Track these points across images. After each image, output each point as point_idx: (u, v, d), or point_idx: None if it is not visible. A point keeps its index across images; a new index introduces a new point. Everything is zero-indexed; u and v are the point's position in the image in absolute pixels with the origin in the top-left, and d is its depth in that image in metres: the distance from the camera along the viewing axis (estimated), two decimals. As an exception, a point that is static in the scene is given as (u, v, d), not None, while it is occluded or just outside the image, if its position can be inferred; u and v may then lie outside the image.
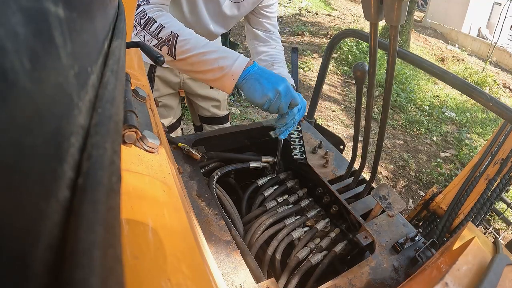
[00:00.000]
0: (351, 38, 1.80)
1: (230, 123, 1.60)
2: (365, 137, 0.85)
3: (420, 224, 1.56)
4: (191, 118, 1.65)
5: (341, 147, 1.24)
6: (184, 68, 0.87)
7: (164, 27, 0.83)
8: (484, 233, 2.06)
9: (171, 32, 0.82)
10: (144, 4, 0.85)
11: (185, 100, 1.52)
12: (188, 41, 0.82)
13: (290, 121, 0.90)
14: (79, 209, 0.15)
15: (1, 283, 0.10)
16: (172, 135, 1.40)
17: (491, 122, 4.22)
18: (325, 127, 1.29)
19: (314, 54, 4.99)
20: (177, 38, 0.82)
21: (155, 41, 0.83)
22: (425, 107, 4.08)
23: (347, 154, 1.49)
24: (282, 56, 1.19)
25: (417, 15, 9.54)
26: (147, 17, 0.84)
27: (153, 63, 1.20)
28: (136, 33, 0.86)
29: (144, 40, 0.85)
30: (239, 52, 0.87)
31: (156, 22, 0.83)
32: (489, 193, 1.28)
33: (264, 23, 1.18)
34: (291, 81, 1.08)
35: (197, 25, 1.08)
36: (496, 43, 6.87)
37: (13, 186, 0.11)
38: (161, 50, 0.84)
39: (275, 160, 1.02)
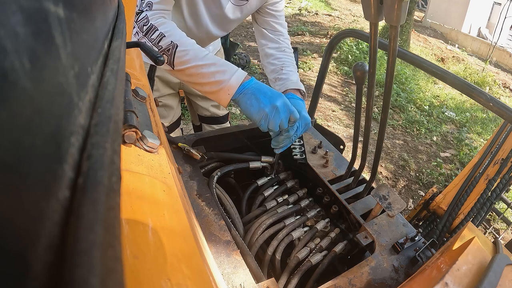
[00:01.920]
0: (351, 38, 1.80)
1: (229, 123, 1.60)
2: (365, 137, 0.85)
3: (420, 224, 1.56)
4: (191, 118, 1.65)
5: (341, 147, 1.24)
6: (182, 78, 0.87)
7: (164, 36, 0.82)
8: (484, 233, 2.06)
9: (171, 41, 0.82)
10: (146, 10, 0.85)
11: (185, 100, 1.52)
12: (187, 52, 0.82)
13: (285, 140, 0.88)
14: (79, 209, 0.15)
15: (1, 283, 0.10)
16: (172, 135, 1.40)
17: (491, 122, 4.22)
18: (325, 127, 1.29)
19: (314, 54, 4.98)
20: (176, 48, 0.82)
21: (155, 49, 0.83)
22: (425, 107, 4.08)
23: (347, 154, 1.49)
24: (291, 59, 1.15)
25: (417, 15, 9.54)
26: (149, 24, 0.84)
27: (153, 63, 1.20)
28: (138, 39, 0.85)
29: None
30: (239, 52, 0.87)
31: (157, 30, 0.83)
32: (489, 193, 1.28)
33: (271, 22, 1.14)
34: (298, 86, 1.05)
35: (197, 28, 1.07)
36: (496, 43, 6.87)
37: (13, 186, 0.11)
38: (160, 46, 0.84)
39: (273, 162, 1.02)
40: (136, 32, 0.85)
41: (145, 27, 0.84)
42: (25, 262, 0.11)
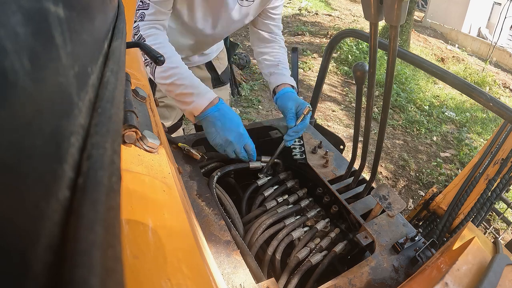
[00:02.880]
0: (351, 38, 1.80)
1: None
2: (365, 137, 0.85)
3: (420, 224, 1.56)
4: None
5: (341, 147, 1.24)
6: (162, 88, 0.93)
7: None
8: (484, 233, 2.06)
9: None
10: (139, 21, 0.88)
11: None
12: (167, 70, 0.88)
13: (301, 130, 1.00)
14: (79, 209, 0.15)
15: (1, 282, 0.10)
16: (173, 135, 1.40)
17: (491, 122, 4.21)
18: (325, 127, 1.29)
19: (314, 54, 4.98)
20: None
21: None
22: (425, 107, 4.08)
23: (347, 154, 1.49)
24: (285, 56, 1.20)
25: (417, 15, 9.54)
26: (139, 34, 0.88)
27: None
28: None
29: None
30: (239, 52, 0.87)
31: (145, 41, 0.87)
32: (489, 193, 1.28)
33: (269, 24, 1.17)
34: (293, 82, 1.10)
35: (201, 30, 1.05)
36: (496, 43, 6.87)
37: (13, 186, 0.11)
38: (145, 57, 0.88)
39: (275, 160, 1.02)
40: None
41: (136, 37, 0.88)
42: (25, 262, 0.11)
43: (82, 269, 0.13)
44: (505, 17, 6.78)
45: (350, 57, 4.78)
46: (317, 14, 7.30)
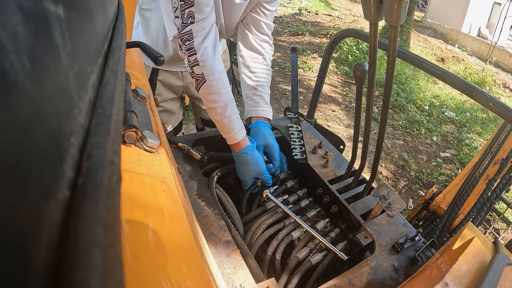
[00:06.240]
0: (351, 38, 1.80)
1: None
2: (365, 137, 0.85)
3: (420, 224, 1.56)
4: (194, 120, 1.65)
5: (341, 147, 1.24)
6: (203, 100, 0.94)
7: (198, 65, 0.86)
8: (484, 233, 2.06)
9: (202, 73, 0.87)
10: (190, 23, 0.82)
11: (189, 102, 1.52)
12: (211, 92, 0.89)
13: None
14: (79, 209, 0.15)
15: (2, 282, 0.10)
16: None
17: (491, 122, 4.21)
18: (325, 127, 1.29)
19: (314, 54, 4.98)
20: (204, 83, 0.89)
21: (188, 64, 0.88)
22: (425, 107, 4.07)
23: (347, 154, 1.49)
24: (267, 73, 1.13)
25: (417, 15, 9.53)
26: (192, 41, 0.84)
27: (154, 66, 1.18)
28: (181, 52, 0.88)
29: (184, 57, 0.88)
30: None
31: (195, 54, 0.85)
32: (489, 193, 1.28)
33: (261, 21, 1.08)
34: (268, 114, 1.10)
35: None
36: (496, 43, 6.87)
37: (13, 186, 0.11)
38: (192, 70, 0.88)
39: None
40: (179, 45, 0.86)
41: (188, 43, 0.84)
42: (25, 262, 0.11)
43: (82, 269, 0.13)
44: (505, 17, 6.78)
45: (350, 57, 4.78)
46: (317, 14, 7.30)
